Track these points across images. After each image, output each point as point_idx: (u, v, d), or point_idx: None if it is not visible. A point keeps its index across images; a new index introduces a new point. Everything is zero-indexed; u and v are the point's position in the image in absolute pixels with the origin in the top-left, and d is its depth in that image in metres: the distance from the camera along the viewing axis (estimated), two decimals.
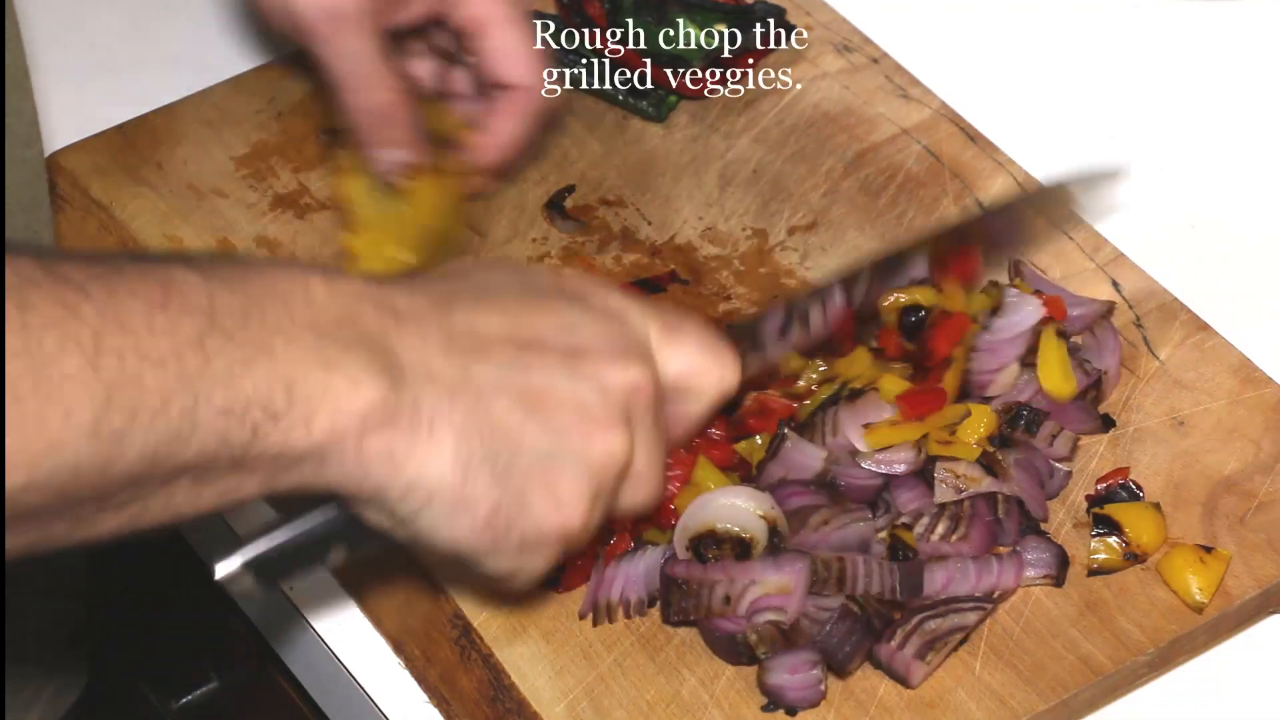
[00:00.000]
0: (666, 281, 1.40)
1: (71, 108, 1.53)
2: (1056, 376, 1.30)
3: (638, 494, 1.10)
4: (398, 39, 1.38)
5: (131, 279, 0.90)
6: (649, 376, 1.07)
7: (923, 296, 1.29)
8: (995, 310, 1.31)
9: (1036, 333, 1.30)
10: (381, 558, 1.16)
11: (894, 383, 1.28)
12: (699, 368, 1.12)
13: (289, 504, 1.04)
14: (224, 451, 0.93)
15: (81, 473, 0.88)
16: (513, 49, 1.37)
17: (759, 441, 1.27)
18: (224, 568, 1.03)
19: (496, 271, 1.09)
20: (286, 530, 1.04)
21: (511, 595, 1.23)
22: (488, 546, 1.04)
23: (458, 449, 1.00)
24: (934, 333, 1.29)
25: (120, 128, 1.50)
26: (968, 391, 1.29)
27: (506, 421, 1.02)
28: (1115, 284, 1.40)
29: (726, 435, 1.28)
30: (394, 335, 0.99)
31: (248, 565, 1.03)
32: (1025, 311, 1.30)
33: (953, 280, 1.31)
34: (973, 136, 1.50)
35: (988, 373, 1.29)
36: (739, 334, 1.21)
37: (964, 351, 1.29)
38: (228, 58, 1.57)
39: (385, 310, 0.99)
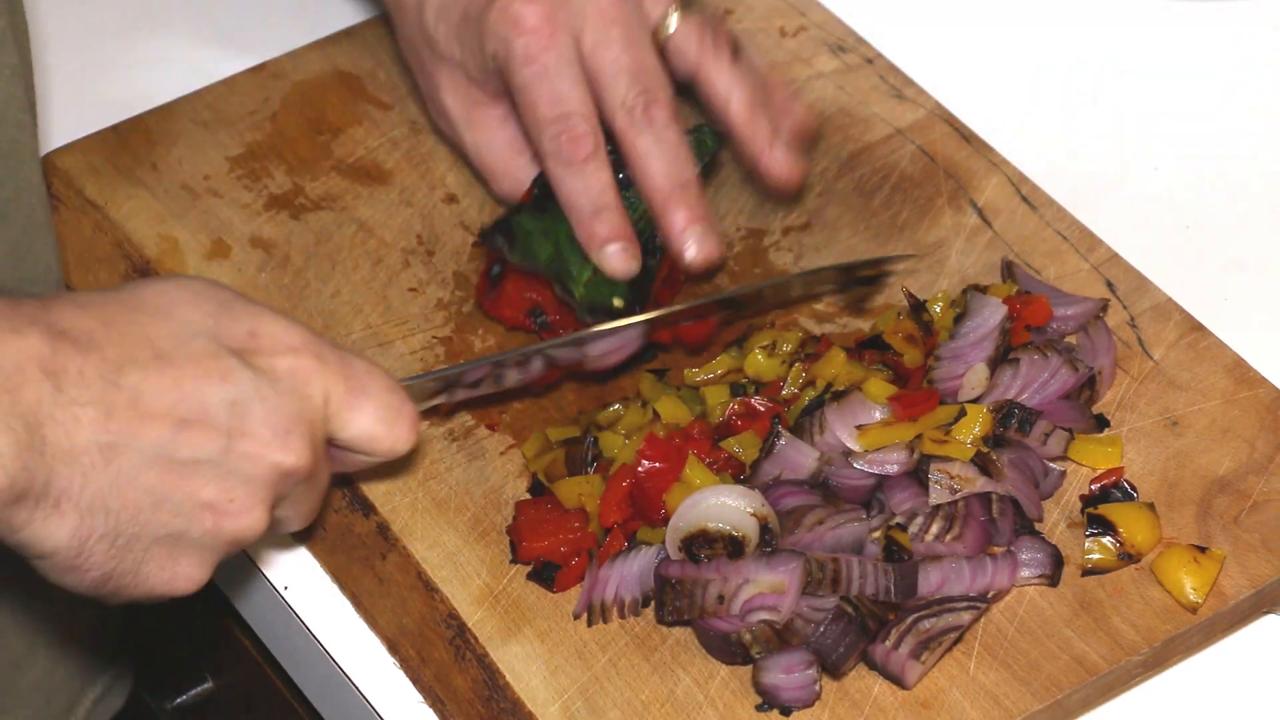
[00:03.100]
0: (660, 282, 1.40)
1: (66, 108, 1.53)
2: None
3: (291, 524, 1.17)
4: None
5: None
6: (308, 458, 1.11)
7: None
8: (960, 316, 1.31)
9: (1003, 332, 1.30)
10: None
11: (882, 385, 1.28)
12: (373, 435, 1.16)
13: None
14: None
15: None
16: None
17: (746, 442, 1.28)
18: None
19: (196, 308, 1.10)
20: None
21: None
22: (94, 594, 1.09)
23: (78, 527, 1.05)
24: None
25: (115, 128, 1.50)
26: (941, 398, 1.29)
27: (139, 503, 1.07)
28: (1109, 284, 1.40)
29: (708, 434, 1.28)
30: (48, 409, 1.03)
31: None
32: (986, 313, 1.31)
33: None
34: (967, 137, 1.50)
35: (954, 379, 1.29)
36: (416, 392, 1.25)
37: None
38: (222, 58, 1.57)
39: (50, 376, 1.03)
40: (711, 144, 1.40)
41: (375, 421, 1.16)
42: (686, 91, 1.40)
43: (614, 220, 1.34)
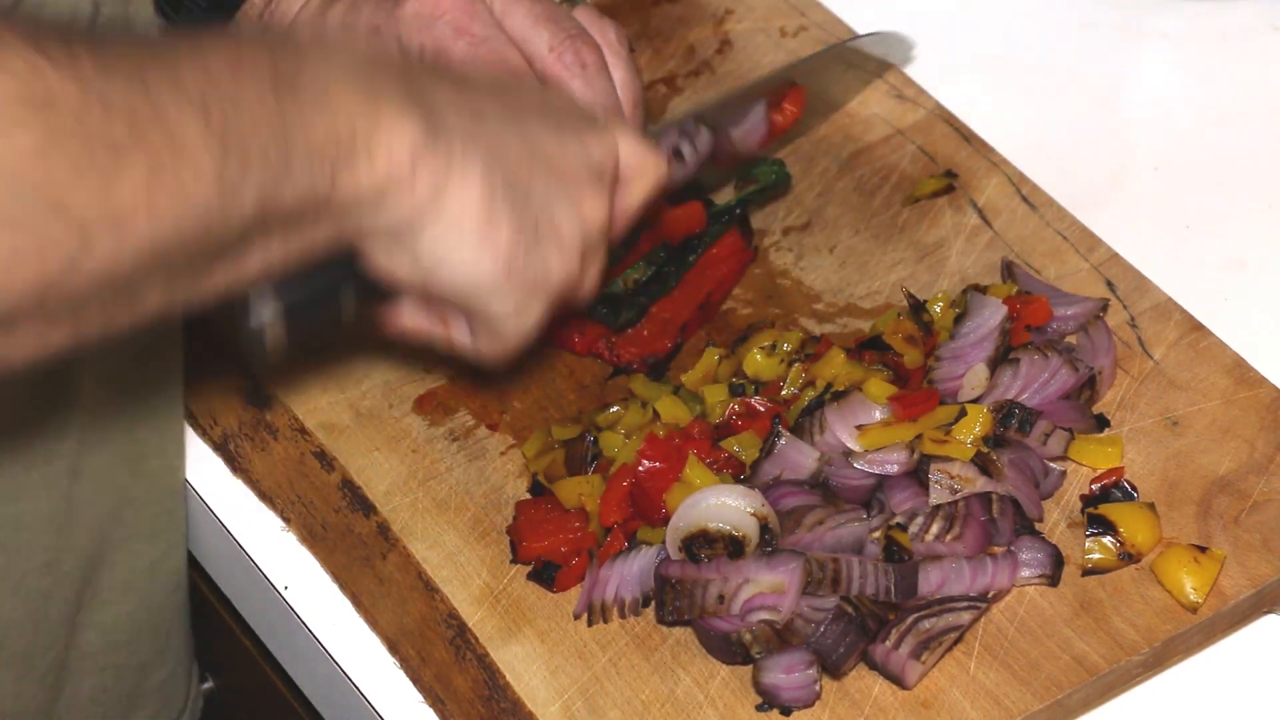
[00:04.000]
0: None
1: None
2: None
3: (590, 277, 1.18)
4: None
5: (206, 46, 0.97)
6: (614, 151, 1.18)
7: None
8: (961, 316, 1.31)
9: (1003, 332, 1.30)
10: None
11: (882, 385, 1.28)
12: (639, 151, 1.20)
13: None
14: (311, 195, 1.00)
15: (212, 223, 0.95)
16: None
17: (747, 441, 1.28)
18: (257, 317, 1.09)
19: (467, 74, 1.18)
20: (303, 279, 1.09)
21: (492, 360, 1.21)
22: (499, 280, 1.11)
23: (485, 180, 1.08)
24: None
25: None
26: (941, 399, 1.29)
27: (517, 164, 1.11)
28: (1110, 283, 1.40)
29: (708, 434, 1.28)
30: (412, 92, 1.06)
31: (276, 311, 1.09)
32: (986, 313, 1.31)
33: (782, 122, 1.43)
34: (967, 137, 1.50)
35: (954, 379, 1.29)
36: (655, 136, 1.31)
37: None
38: None
39: (396, 71, 1.07)
40: (775, 177, 1.44)
41: (639, 141, 1.21)
42: None
43: None
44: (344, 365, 1.38)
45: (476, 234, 1.08)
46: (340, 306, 1.12)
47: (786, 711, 1.20)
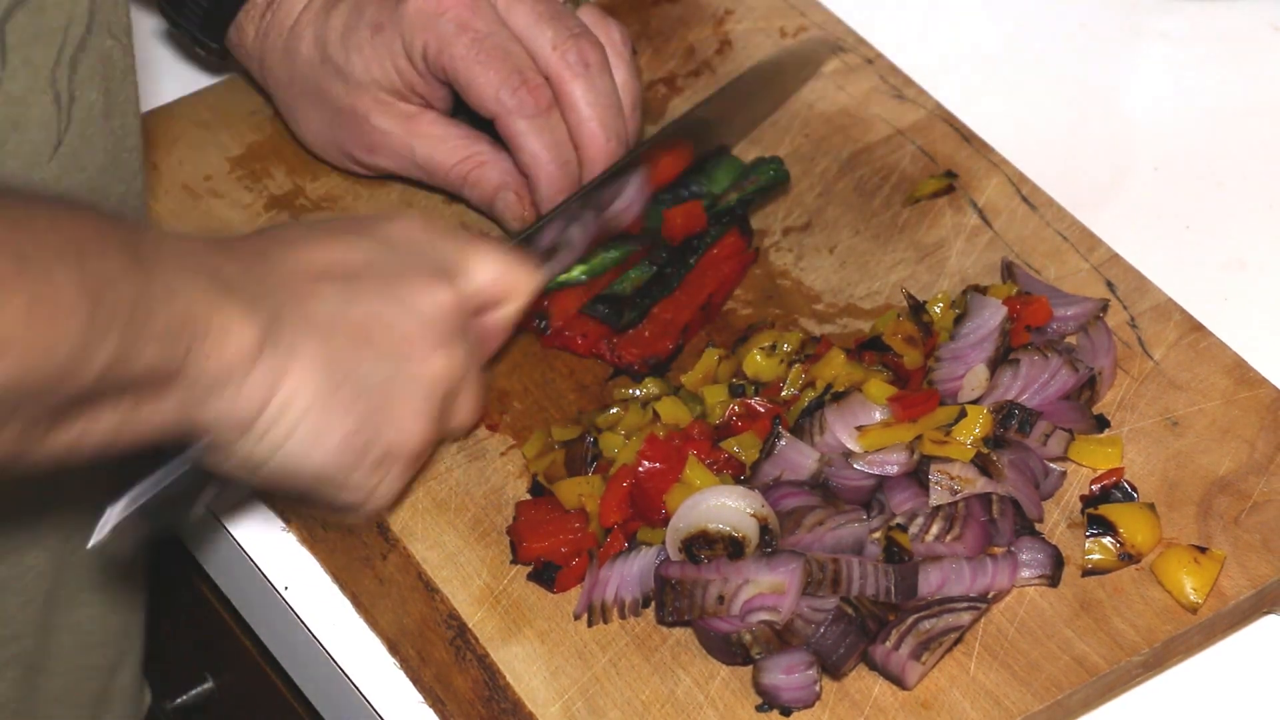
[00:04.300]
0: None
1: None
2: None
3: (464, 409, 1.21)
4: None
5: (76, 211, 1.00)
6: (455, 295, 1.18)
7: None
8: (961, 317, 1.31)
9: (1003, 332, 1.30)
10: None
11: (882, 386, 1.28)
12: (502, 274, 1.22)
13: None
14: (161, 368, 1.02)
15: (72, 367, 0.97)
16: None
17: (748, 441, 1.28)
18: (96, 536, 1.11)
19: (293, 227, 1.20)
20: (147, 486, 1.13)
21: (349, 522, 1.27)
22: (346, 469, 1.14)
23: (317, 376, 1.11)
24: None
25: None
26: (941, 399, 1.29)
27: (345, 353, 1.12)
28: (1110, 284, 1.40)
29: (708, 435, 1.28)
30: (253, 280, 1.09)
31: (115, 529, 1.11)
32: (986, 314, 1.31)
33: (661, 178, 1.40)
34: (967, 137, 1.50)
35: (954, 380, 1.29)
36: (525, 245, 1.31)
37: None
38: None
39: (238, 258, 1.10)
40: (774, 175, 1.44)
41: (499, 261, 1.22)
42: None
43: (575, 174, 1.38)
44: None
45: (315, 428, 1.11)
46: (188, 507, 1.16)
47: (786, 712, 1.20)
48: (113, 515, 1.11)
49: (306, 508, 1.27)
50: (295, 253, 1.14)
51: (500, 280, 1.22)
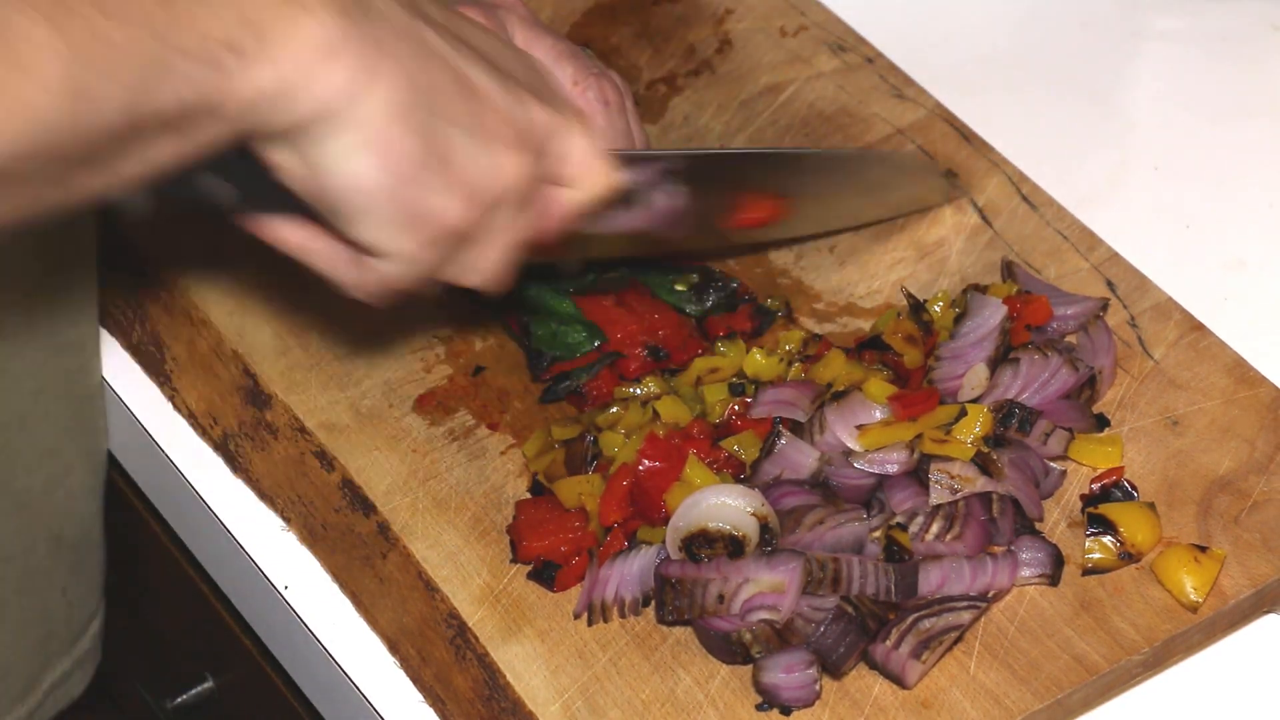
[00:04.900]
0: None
1: None
2: None
3: (486, 256, 1.12)
4: None
5: None
6: (557, 129, 1.12)
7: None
8: (961, 316, 1.31)
9: (1003, 331, 1.30)
10: None
11: (882, 385, 1.28)
12: (593, 157, 1.16)
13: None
14: (197, 98, 0.96)
15: (62, 134, 0.92)
16: None
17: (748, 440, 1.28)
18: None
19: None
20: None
21: (356, 295, 1.16)
22: (381, 200, 1.06)
23: (401, 91, 1.03)
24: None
25: None
26: (941, 398, 1.29)
27: (443, 89, 1.06)
28: (1110, 283, 1.40)
29: (708, 434, 1.28)
30: None
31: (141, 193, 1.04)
32: (986, 313, 1.31)
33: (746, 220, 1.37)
34: (967, 136, 1.50)
35: (954, 379, 1.29)
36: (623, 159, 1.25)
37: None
38: None
39: None
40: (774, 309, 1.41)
41: (597, 142, 1.16)
42: None
43: None
44: (344, 365, 1.38)
45: (373, 145, 1.03)
46: (210, 195, 1.08)
47: (786, 711, 1.20)
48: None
49: (318, 273, 1.16)
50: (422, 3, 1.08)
51: (589, 160, 1.16)
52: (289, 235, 1.12)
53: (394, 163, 1.04)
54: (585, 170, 1.16)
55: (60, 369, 1.36)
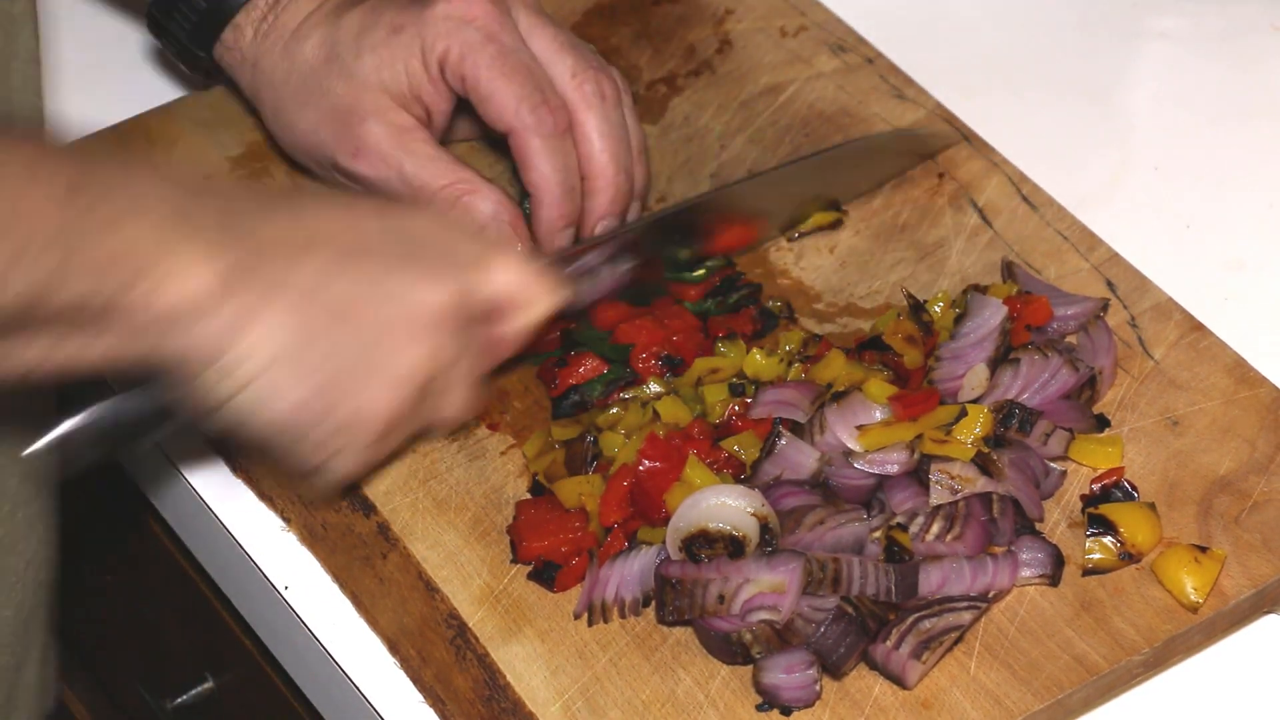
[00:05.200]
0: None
1: (66, 108, 1.53)
2: None
3: (446, 405, 1.19)
4: None
5: (5, 143, 1.00)
6: (457, 294, 1.15)
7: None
8: (961, 316, 1.31)
9: (1003, 332, 1.30)
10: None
11: (883, 385, 1.28)
12: (520, 285, 1.19)
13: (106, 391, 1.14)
14: (91, 304, 1.02)
15: None
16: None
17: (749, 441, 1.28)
18: (35, 444, 1.11)
19: (314, 195, 1.20)
20: (100, 409, 1.12)
21: (310, 491, 1.26)
22: (301, 429, 1.13)
23: (282, 336, 1.09)
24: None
25: (115, 128, 1.50)
26: (941, 399, 1.29)
27: (316, 322, 1.10)
28: (1110, 283, 1.40)
29: (709, 434, 1.28)
30: (230, 227, 1.08)
31: (57, 442, 1.11)
32: (986, 314, 1.31)
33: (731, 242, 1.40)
34: (968, 137, 1.50)
35: (954, 379, 1.29)
36: (559, 261, 1.28)
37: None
38: None
39: (223, 205, 1.09)
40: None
41: (522, 271, 1.19)
42: None
43: (577, 203, 1.37)
44: None
45: (268, 391, 1.10)
46: (139, 438, 1.15)
47: (787, 711, 1.20)
48: (60, 429, 1.11)
49: (267, 462, 1.26)
50: (296, 217, 1.13)
51: (517, 290, 1.20)
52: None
53: (293, 402, 1.11)
54: (522, 298, 1.20)
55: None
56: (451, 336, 1.16)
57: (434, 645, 1.24)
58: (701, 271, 1.39)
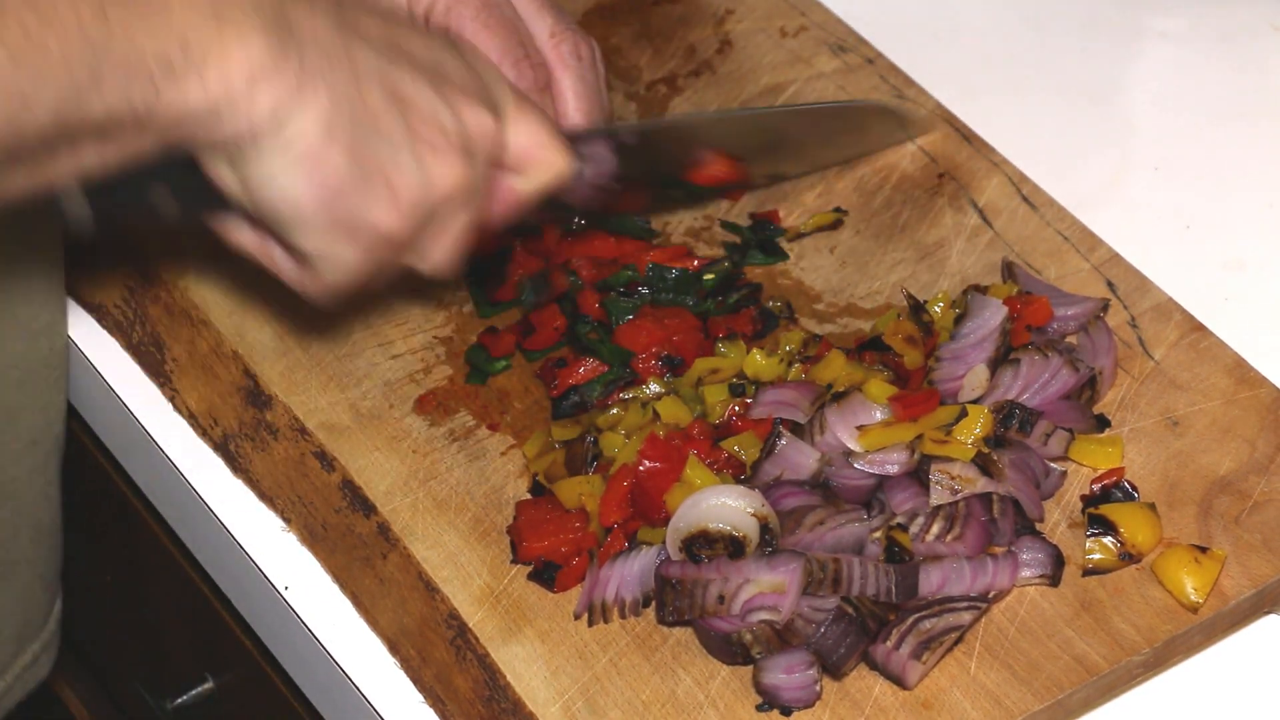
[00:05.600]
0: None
1: None
2: None
3: (435, 249, 1.16)
4: None
5: None
6: (496, 128, 1.15)
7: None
8: (961, 317, 1.31)
9: (1004, 332, 1.30)
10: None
11: (883, 386, 1.28)
12: (540, 145, 1.18)
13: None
14: (127, 109, 1.00)
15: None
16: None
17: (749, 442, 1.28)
18: (65, 205, 1.08)
19: (363, 8, 1.15)
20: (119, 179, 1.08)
21: (304, 294, 1.20)
22: (314, 214, 1.09)
23: (328, 111, 1.06)
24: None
25: None
26: (941, 399, 1.29)
27: (373, 105, 1.09)
28: (1110, 284, 1.40)
29: (709, 434, 1.28)
30: (286, 4, 1.05)
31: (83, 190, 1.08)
32: (986, 314, 1.31)
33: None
34: (968, 137, 1.50)
35: (954, 379, 1.29)
36: (575, 138, 1.26)
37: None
38: None
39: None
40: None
41: (544, 132, 1.18)
42: None
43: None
44: (344, 365, 1.38)
45: (302, 163, 1.07)
46: (157, 206, 1.11)
47: (787, 712, 1.20)
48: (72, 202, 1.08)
49: (265, 270, 1.20)
50: (340, 11, 1.10)
51: (536, 146, 1.19)
52: (244, 238, 1.16)
53: (325, 179, 1.08)
54: (536, 157, 1.19)
55: (38, 355, 1.36)
56: (475, 168, 1.15)
57: (434, 645, 1.24)
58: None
